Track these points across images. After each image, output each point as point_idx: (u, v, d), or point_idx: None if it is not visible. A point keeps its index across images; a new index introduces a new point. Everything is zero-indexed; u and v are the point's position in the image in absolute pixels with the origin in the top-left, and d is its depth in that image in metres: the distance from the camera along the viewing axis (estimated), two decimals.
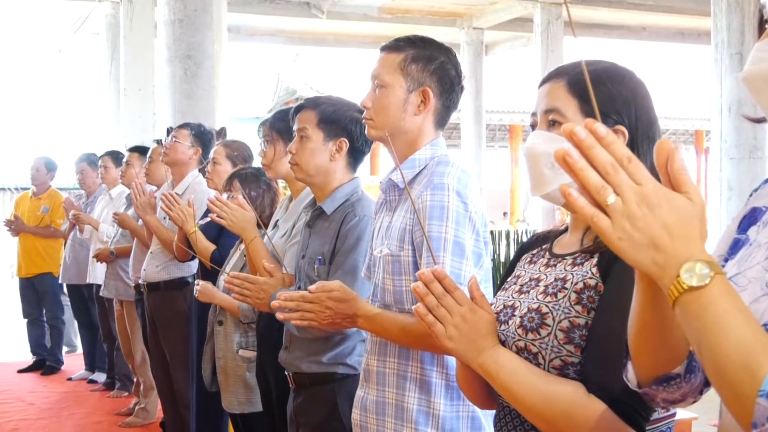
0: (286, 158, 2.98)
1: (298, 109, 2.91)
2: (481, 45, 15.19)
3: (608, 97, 1.58)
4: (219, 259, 4.09)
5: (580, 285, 1.52)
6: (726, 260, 1.28)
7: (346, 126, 2.83)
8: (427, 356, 2.18)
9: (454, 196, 2.13)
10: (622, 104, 1.58)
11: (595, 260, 1.54)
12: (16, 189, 8.81)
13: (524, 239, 1.95)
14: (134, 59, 9.98)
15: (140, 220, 5.16)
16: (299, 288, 2.88)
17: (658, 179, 1.03)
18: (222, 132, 6.78)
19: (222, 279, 3.68)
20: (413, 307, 1.57)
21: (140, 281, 5.05)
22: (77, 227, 7.04)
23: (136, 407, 6.19)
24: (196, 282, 3.94)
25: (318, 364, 2.76)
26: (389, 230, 2.28)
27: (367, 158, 2.97)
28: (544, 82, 1.66)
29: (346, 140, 2.83)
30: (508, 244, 5.28)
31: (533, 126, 1.67)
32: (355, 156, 2.89)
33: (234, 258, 3.88)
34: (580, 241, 1.62)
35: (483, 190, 14.81)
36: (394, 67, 2.28)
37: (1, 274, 9.81)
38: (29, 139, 17.35)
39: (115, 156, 6.90)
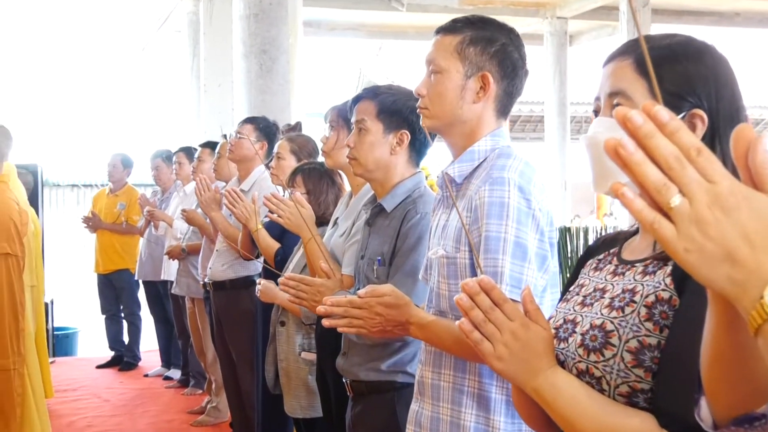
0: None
1: (356, 99, 2.73)
2: (564, 35, 14.82)
3: (684, 76, 1.36)
4: (283, 257, 3.95)
5: (652, 298, 1.30)
6: None
7: (407, 117, 2.64)
8: (486, 369, 1.98)
9: (515, 192, 1.92)
10: (701, 84, 1.35)
11: (669, 268, 1.32)
12: (104, 185, 8.90)
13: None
14: (214, 55, 9.99)
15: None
16: (358, 289, 2.71)
17: (737, 177, 0.81)
18: (297, 127, 6.67)
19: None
20: (457, 322, 1.37)
21: (206, 280, 4.96)
22: (152, 224, 7.02)
23: (208, 406, 6.13)
24: (258, 281, 3.82)
25: (377, 372, 2.59)
26: (445, 229, 2.08)
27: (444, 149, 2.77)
28: (608, 60, 1.45)
29: (407, 132, 2.65)
30: (586, 242, 4.89)
31: (596, 112, 1.46)
32: (417, 149, 2.70)
33: (296, 257, 3.73)
34: (652, 246, 1.39)
35: (567, 184, 14.49)
36: (450, 50, 2.07)
37: (80, 270, 9.91)
38: (112, 137, 17.63)
39: (189, 152, 6.85)
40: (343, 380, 2.73)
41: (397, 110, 2.64)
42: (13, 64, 18.55)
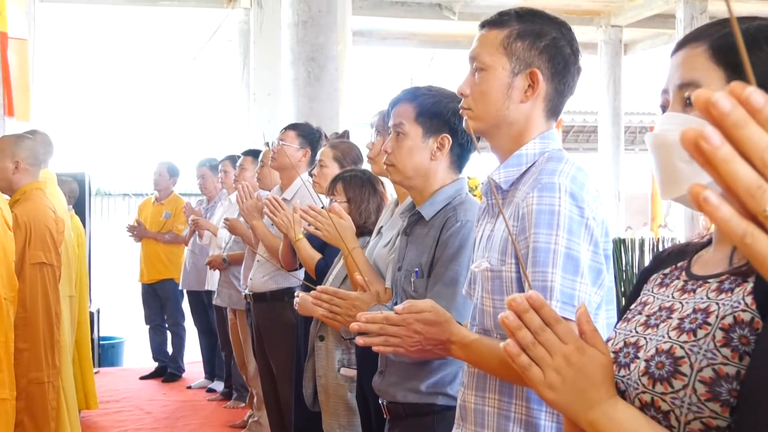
0: None
1: (394, 102, 2.56)
2: (619, 44, 14.52)
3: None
4: (325, 269, 3.79)
5: (729, 320, 1.11)
6: None
7: (448, 120, 2.46)
8: (535, 393, 1.78)
9: (566, 199, 1.73)
10: None
11: (749, 286, 1.12)
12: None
13: (663, 247, 1.54)
14: (264, 64, 9.95)
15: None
16: (396, 304, 2.54)
17: None
18: (345, 135, 6.55)
19: None
20: (502, 344, 1.19)
21: (246, 291, 4.82)
22: (197, 233, 6.92)
23: (250, 420, 5.98)
24: (296, 294, 3.65)
25: (415, 393, 2.40)
26: (490, 240, 1.89)
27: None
28: (678, 47, 1.26)
29: (448, 136, 2.47)
30: (642, 254, 4.50)
31: (664, 107, 1.27)
32: (459, 154, 2.52)
33: (337, 268, 3.57)
34: (728, 258, 1.20)
35: (621, 195, 14.17)
36: (495, 45, 1.89)
37: (127, 279, 9.88)
38: (163, 146, 17.70)
39: (234, 160, 6.73)
40: (380, 402, 2.55)
41: (437, 113, 2.47)
42: (69, 75, 18.73)
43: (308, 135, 4.67)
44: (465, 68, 1.97)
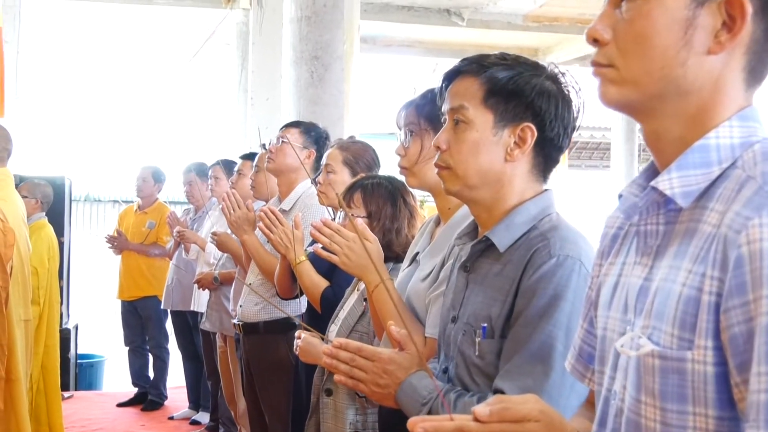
0: None
1: (451, 75, 1.77)
2: None
3: None
4: (332, 299, 3.02)
5: None
6: None
7: (532, 102, 1.68)
8: None
9: None
10: None
11: None
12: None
13: None
14: (262, 67, 9.44)
15: None
16: (446, 370, 1.75)
17: None
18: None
19: (330, 335, 2.62)
20: None
21: (235, 320, 4.03)
22: (183, 246, 6.12)
23: None
24: (296, 334, 2.86)
25: None
26: (647, 296, 1.08)
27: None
28: None
29: (532, 126, 1.68)
30: None
31: None
32: (546, 153, 1.73)
33: (350, 302, 2.78)
34: None
35: None
36: None
37: (109, 293, 9.08)
38: (155, 152, 16.92)
39: (227, 166, 5.96)
40: None
41: (517, 91, 1.68)
42: (59, 74, 17.98)
43: (313, 134, 3.91)
44: None
